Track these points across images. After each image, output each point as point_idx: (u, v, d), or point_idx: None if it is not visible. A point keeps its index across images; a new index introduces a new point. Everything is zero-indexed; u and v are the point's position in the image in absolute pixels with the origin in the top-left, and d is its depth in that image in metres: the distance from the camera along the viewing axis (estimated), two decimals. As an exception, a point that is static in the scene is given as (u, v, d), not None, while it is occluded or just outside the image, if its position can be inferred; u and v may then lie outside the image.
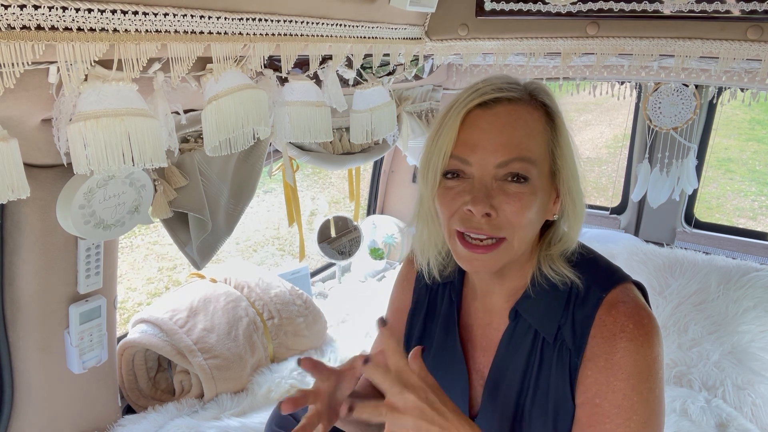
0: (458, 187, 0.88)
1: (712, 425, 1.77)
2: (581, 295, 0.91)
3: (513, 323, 0.97)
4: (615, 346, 0.86)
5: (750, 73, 1.80)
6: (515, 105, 0.87)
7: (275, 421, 1.28)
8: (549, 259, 0.94)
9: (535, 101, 0.89)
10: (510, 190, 0.85)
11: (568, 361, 0.90)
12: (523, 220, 0.86)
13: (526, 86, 0.90)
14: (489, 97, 0.86)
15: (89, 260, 1.35)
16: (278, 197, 6.22)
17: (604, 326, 0.88)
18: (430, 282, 1.09)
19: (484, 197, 0.85)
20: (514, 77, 0.92)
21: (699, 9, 1.42)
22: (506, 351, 0.97)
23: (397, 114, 2.16)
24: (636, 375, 0.84)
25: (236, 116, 1.14)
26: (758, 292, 2.10)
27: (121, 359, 1.72)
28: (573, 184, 0.90)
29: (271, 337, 2.00)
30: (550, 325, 0.92)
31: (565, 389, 0.90)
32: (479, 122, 0.86)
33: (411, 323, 1.13)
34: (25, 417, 1.38)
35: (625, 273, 0.96)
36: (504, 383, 0.96)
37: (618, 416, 0.84)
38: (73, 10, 0.80)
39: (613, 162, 7.46)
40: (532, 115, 0.87)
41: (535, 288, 0.95)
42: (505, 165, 0.85)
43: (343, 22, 1.38)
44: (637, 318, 0.87)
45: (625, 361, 0.85)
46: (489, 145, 0.85)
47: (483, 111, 0.87)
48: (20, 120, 1.00)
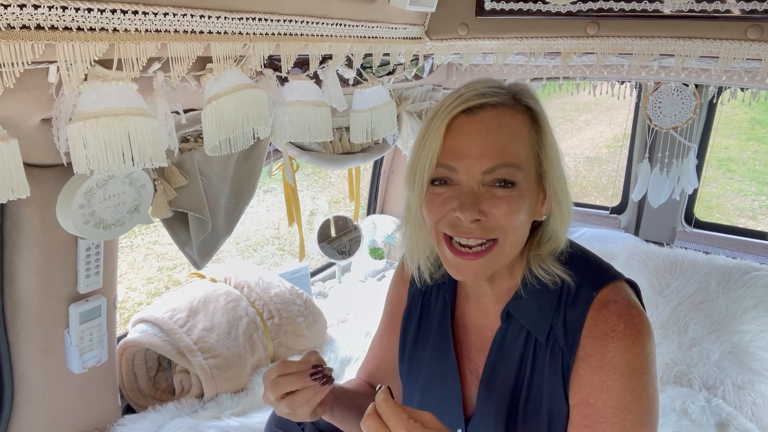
0: (446, 193, 0.88)
1: (712, 425, 1.77)
2: (572, 294, 0.91)
3: (505, 324, 0.97)
4: (606, 345, 0.86)
5: (750, 73, 1.80)
6: (499, 110, 0.87)
7: (275, 421, 1.28)
8: (538, 258, 0.94)
9: (518, 105, 0.89)
10: (498, 194, 0.85)
11: (560, 361, 0.90)
12: (514, 222, 0.86)
13: (510, 89, 0.89)
14: (473, 103, 0.86)
15: (89, 260, 1.35)
16: (278, 197, 6.22)
17: (596, 326, 0.88)
18: (421, 286, 1.09)
19: (472, 203, 0.84)
20: (498, 80, 0.92)
21: (699, 9, 1.41)
22: (499, 351, 0.97)
23: (397, 114, 2.16)
24: (629, 374, 0.84)
25: (236, 116, 1.14)
26: (758, 291, 2.10)
27: (121, 359, 1.72)
28: (559, 185, 0.90)
29: (271, 336, 2.00)
30: (542, 325, 0.92)
31: (559, 389, 0.90)
32: (464, 129, 0.86)
33: (406, 324, 1.13)
34: (25, 417, 1.38)
35: (616, 270, 0.96)
36: (498, 383, 0.96)
37: (613, 416, 0.84)
38: (72, 9, 0.79)
39: (613, 162, 7.46)
40: (516, 119, 0.87)
41: (527, 288, 0.94)
42: (492, 171, 0.85)
43: (343, 21, 1.38)
44: (627, 317, 0.87)
45: (617, 361, 0.85)
46: (474, 151, 0.85)
47: (467, 117, 0.86)
48: (20, 120, 1.00)
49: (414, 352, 1.10)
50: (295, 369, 0.90)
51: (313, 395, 0.90)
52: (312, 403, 0.90)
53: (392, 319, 1.18)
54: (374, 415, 0.73)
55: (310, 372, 0.89)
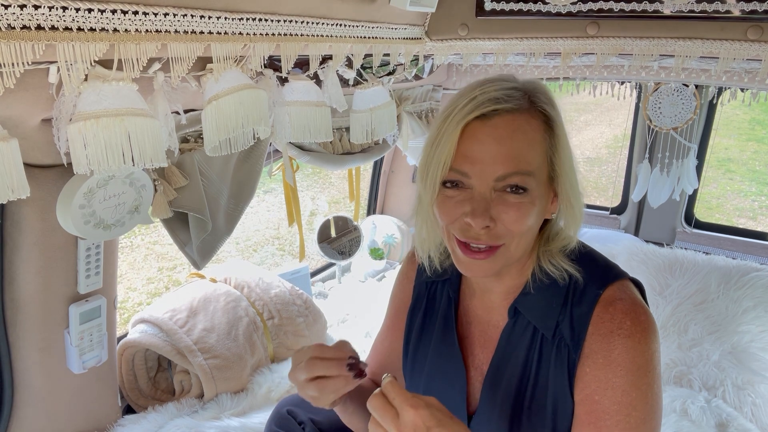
0: (458, 196, 0.88)
1: (712, 425, 1.77)
2: (579, 291, 0.92)
3: (512, 320, 0.98)
4: (612, 343, 0.87)
5: (750, 73, 1.80)
6: (514, 115, 0.86)
7: (275, 421, 1.28)
8: (548, 255, 0.95)
9: (534, 109, 0.88)
10: (509, 200, 0.86)
11: (566, 358, 0.91)
12: (522, 228, 0.87)
13: (525, 91, 0.88)
14: (487, 109, 0.85)
15: (89, 260, 1.35)
16: (278, 197, 6.22)
17: (602, 323, 0.89)
18: (431, 274, 1.10)
19: (484, 210, 0.85)
20: (513, 80, 0.90)
21: (699, 9, 1.42)
22: (506, 348, 0.97)
23: (397, 114, 2.16)
24: (634, 371, 0.85)
25: (236, 116, 1.14)
26: (758, 292, 2.10)
27: (121, 359, 1.72)
28: (571, 187, 0.91)
29: (271, 336, 2.00)
30: (549, 321, 0.93)
31: (564, 385, 0.91)
32: (477, 134, 0.86)
33: (411, 319, 1.14)
34: (25, 417, 1.38)
35: (622, 270, 0.96)
36: (503, 379, 0.96)
37: (618, 413, 0.85)
38: (73, 9, 0.80)
39: (613, 162, 7.45)
40: (530, 125, 0.87)
41: (535, 284, 0.95)
42: (504, 179, 0.85)
43: (343, 22, 1.38)
44: (633, 315, 0.87)
45: (623, 358, 0.85)
46: (488, 158, 0.85)
47: (481, 123, 0.86)
48: (20, 120, 1.00)
49: (418, 348, 1.11)
50: (331, 355, 0.90)
51: (344, 385, 0.90)
52: (340, 392, 0.91)
53: (397, 316, 1.19)
54: (380, 395, 0.76)
55: (348, 362, 0.90)
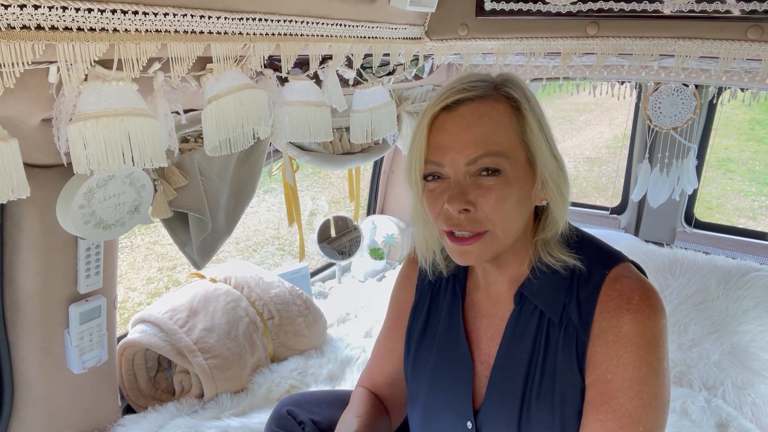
0: (438, 188, 0.92)
1: (712, 425, 1.77)
2: (584, 274, 0.94)
3: (518, 307, 0.98)
4: (622, 319, 0.87)
5: (750, 73, 1.80)
6: (478, 102, 0.90)
7: (275, 421, 1.28)
8: (546, 245, 0.96)
9: (499, 95, 0.91)
10: (484, 183, 0.88)
11: (575, 340, 0.91)
12: (501, 211, 0.88)
13: (492, 81, 0.93)
14: (451, 99, 0.90)
15: (89, 260, 1.35)
16: (278, 197, 6.22)
17: (610, 300, 0.90)
18: (432, 279, 1.11)
19: (458, 194, 0.88)
20: (482, 74, 0.95)
21: (699, 9, 1.42)
22: (512, 336, 0.98)
23: (397, 114, 2.16)
24: (644, 346, 0.86)
25: (236, 116, 1.15)
26: (758, 292, 2.10)
27: (121, 359, 1.72)
28: (552, 167, 0.92)
29: (271, 336, 2.00)
30: (556, 305, 0.94)
31: (573, 370, 0.91)
32: (445, 125, 0.91)
33: (413, 319, 1.14)
34: (25, 417, 1.38)
35: (625, 255, 0.98)
36: (511, 369, 0.97)
37: (630, 389, 0.85)
38: (73, 9, 0.80)
39: (613, 162, 7.46)
40: (496, 109, 0.90)
41: (539, 271, 0.97)
42: (475, 162, 0.88)
43: (343, 22, 1.38)
44: (641, 290, 0.89)
45: (633, 333, 0.86)
46: (457, 145, 0.89)
47: (448, 114, 0.91)
48: (20, 120, 1.00)
49: (421, 346, 1.11)
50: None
51: None
52: None
53: (399, 318, 1.18)
54: None
55: None
